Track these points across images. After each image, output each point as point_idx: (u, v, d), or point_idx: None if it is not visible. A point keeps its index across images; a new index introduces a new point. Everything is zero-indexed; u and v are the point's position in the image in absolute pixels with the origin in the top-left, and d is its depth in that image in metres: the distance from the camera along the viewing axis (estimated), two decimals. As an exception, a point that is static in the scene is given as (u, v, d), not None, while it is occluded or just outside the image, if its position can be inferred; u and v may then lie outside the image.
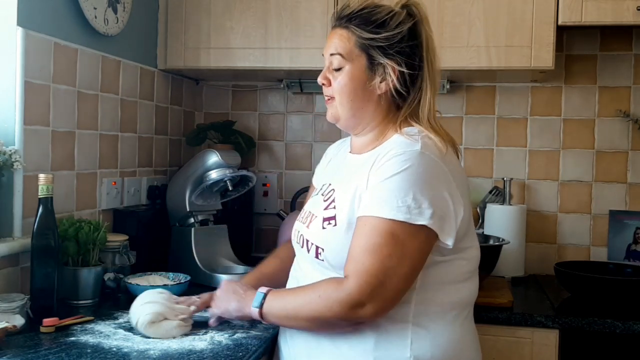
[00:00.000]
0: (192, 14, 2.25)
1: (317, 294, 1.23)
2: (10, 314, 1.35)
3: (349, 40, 1.32)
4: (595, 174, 2.36)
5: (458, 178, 1.27)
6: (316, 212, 1.36)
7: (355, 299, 1.18)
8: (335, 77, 1.35)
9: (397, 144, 1.26)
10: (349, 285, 1.19)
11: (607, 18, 1.98)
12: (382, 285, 1.18)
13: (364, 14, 1.32)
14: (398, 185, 1.19)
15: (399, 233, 1.18)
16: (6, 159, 1.50)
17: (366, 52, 1.31)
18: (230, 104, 2.63)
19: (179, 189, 2.08)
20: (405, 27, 1.30)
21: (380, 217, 1.19)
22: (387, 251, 1.18)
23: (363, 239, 1.21)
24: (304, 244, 1.36)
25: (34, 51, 1.61)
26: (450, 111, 2.46)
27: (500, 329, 1.79)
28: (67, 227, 1.61)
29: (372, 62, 1.31)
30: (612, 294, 1.88)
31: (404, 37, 1.30)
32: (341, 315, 1.20)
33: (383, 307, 1.19)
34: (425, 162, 1.22)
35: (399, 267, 1.18)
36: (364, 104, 1.34)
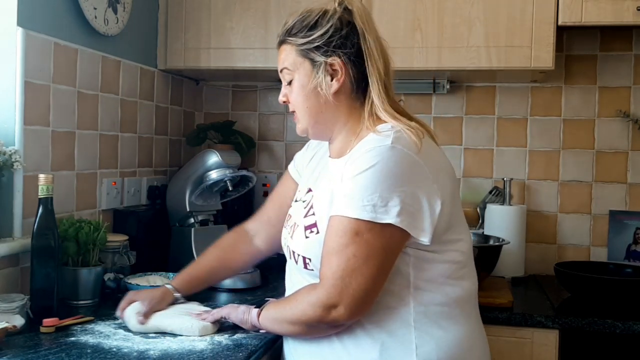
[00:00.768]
0: (192, 14, 2.25)
1: (296, 299, 1.26)
2: (10, 314, 1.35)
3: (291, 52, 1.33)
4: (595, 174, 2.36)
5: (436, 169, 1.24)
6: (298, 221, 1.35)
7: (325, 301, 1.19)
8: (290, 90, 1.36)
9: (369, 141, 1.24)
10: (319, 289, 1.21)
11: (607, 18, 1.98)
12: (348, 286, 1.18)
13: (298, 23, 1.32)
14: (365, 183, 1.18)
15: (363, 232, 1.17)
16: (6, 159, 1.50)
17: (306, 56, 1.31)
18: (230, 104, 2.64)
19: (179, 189, 2.08)
20: (335, 19, 1.29)
21: (346, 217, 1.19)
22: (351, 251, 1.18)
23: (331, 239, 1.21)
24: (291, 255, 1.36)
25: (34, 51, 1.61)
26: (450, 111, 2.46)
27: (500, 329, 1.79)
28: (67, 227, 1.61)
29: (314, 64, 1.30)
30: (612, 294, 1.88)
31: (337, 29, 1.29)
32: (315, 317, 1.21)
33: (354, 308, 1.19)
34: (395, 156, 1.20)
35: (365, 266, 1.17)
36: (321, 107, 1.32)
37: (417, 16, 2.10)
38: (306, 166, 1.52)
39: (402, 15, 2.11)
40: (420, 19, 2.10)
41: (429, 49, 2.10)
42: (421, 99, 2.46)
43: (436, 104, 2.46)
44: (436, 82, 2.38)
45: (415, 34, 2.09)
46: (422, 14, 2.10)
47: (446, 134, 2.43)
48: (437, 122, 2.45)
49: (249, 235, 1.63)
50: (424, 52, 2.09)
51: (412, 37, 2.10)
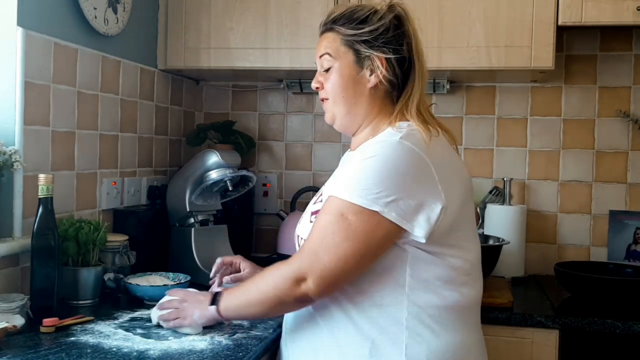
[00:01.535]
0: (192, 14, 2.25)
1: (266, 274, 1.28)
2: (10, 314, 1.35)
3: (335, 40, 1.36)
4: (595, 174, 2.36)
5: (445, 172, 1.24)
6: (308, 209, 1.40)
7: (296, 271, 1.21)
8: (327, 78, 1.38)
9: (383, 134, 1.28)
10: (292, 261, 1.23)
11: (607, 18, 1.98)
12: (319, 261, 1.19)
13: (347, 14, 1.35)
14: (364, 169, 1.21)
15: (347, 213, 1.19)
16: (6, 159, 1.50)
17: (352, 47, 1.34)
18: (230, 104, 2.63)
19: (179, 189, 2.08)
20: (387, 19, 1.33)
21: (337, 197, 1.21)
22: (331, 229, 1.20)
23: (319, 217, 1.24)
24: (298, 242, 1.38)
25: (34, 51, 1.61)
26: (450, 111, 2.46)
27: (500, 329, 1.79)
28: (67, 227, 1.61)
29: (358, 56, 1.34)
30: (612, 294, 1.88)
31: (387, 28, 1.33)
32: (285, 289, 1.22)
33: (321, 285, 1.20)
34: (400, 150, 1.21)
35: (340, 246, 1.19)
36: (357, 98, 1.35)
37: (417, 16, 2.05)
38: None
39: None
40: (420, 19, 2.05)
41: (429, 49, 2.07)
42: (421, 99, 2.45)
43: (436, 104, 2.46)
44: (436, 82, 2.38)
45: (415, 34, 2.09)
46: (422, 14, 2.09)
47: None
48: (437, 122, 2.45)
49: None
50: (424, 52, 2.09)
51: (412, 37, 2.10)
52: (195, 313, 1.38)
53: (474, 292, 1.32)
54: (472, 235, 1.34)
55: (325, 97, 1.40)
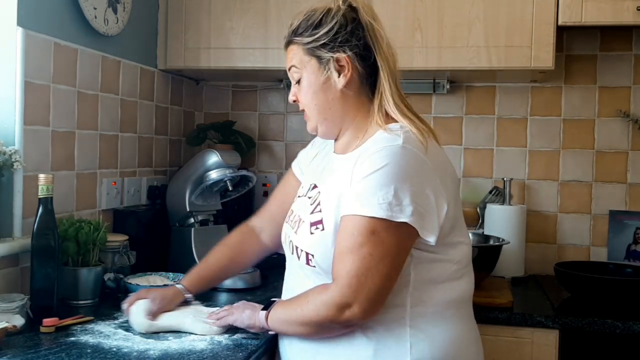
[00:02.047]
0: (192, 14, 2.25)
1: (308, 299, 1.25)
2: (10, 314, 1.35)
3: (297, 51, 1.34)
4: (595, 174, 2.36)
5: (441, 171, 1.26)
6: (303, 217, 1.35)
7: (338, 301, 1.18)
8: (299, 89, 1.37)
9: (379, 139, 1.25)
10: (333, 288, 1.20)
11: (607, 18, 1.98)
12: (363, 285, 1.17)
13: (303, 21, 1.34)
14: (379, 182, 1.18)
15: (379, 231, 1.17)
16: (6, 159, 1.50)
17: (313, 54, 1.33)
18: (230, 104, 2.64)
19: (179, 189, 2.08)
20: (339, 16, 1.31)
21: (362, 215, 1.18)
22: (367, 250, 1.17)
23: (345, 238, 1.20)
24: (293, 250, 1.35)
25: (34, 51, 1.61)
26: (450, 111, 2.46)
27: (500, 329, 1.79)
28: (67, 227, 1.61)
29: (321, 62, 1.32)
30: (612, 294, 1.88)
31: (342, 25, 1.30)
32: (329, 317, 1.20)
33: (369, 307, 1.19)
34: (406, 156, 1.21)
35: (381, 265, 1.17)
36: (329, 104, 1.34)
37: (417, 16, 2.10)
38: (309, 163, 1.53)
39: (402, 15, 2.11)
40: (420, 19, 2.10)
41: (429, 49, 2.10)
42: (421, 99, 2.45)
43: (436, 104, 2.46)
44: (436, 82, 2.38)
45: (415, 34, 2.09)
46: (422, 14, 2.10)
47: (446, 134, 2.43)
48: (437, 122, 2.45)
49: (255, 232, 1.63)
50: (424, 52, 2.09)
51: (412, 37, 2.10)
52: (246, 312, 1.38)
53: (469, 285, 1.35)
54: (465, 230, 1.35)
55: (303, 108, 1.39)
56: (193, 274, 1.57)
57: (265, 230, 1.62)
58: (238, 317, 1.39)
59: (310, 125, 1.40)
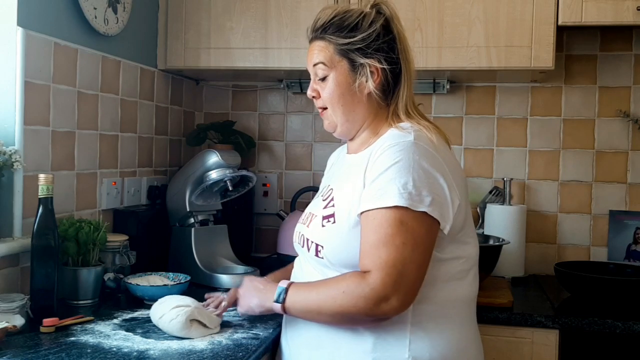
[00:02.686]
0: (192, 14, 2.25)
1: (341, 289, 1.21)
2: (10, 314, 1.35)
3: (327, 49, 1.36)
4: (595, 174, 2.36)
5: (452, 169, 1.28)
6: (316, 212, 1.38)
7: (380, 293, 1.16)
8: (323, 87, 1.38)
9: (391, 136, 1.29)
10: (373, 280, 1.17)
11: (607, 18, 1.98)
12: (402, 275, 1.16)
13: (336, 21, 1.35)
14: (396, 174, 1.20)
15: (406, 220, 1.18)
16: (6, 159, 1.50)
17: (346, 56, 1.34)
18: (230, 104, 2.63)
19: (179, 189, 2.08)
20: (377, 24, 1.34)
21: (385, 207, 1.19)
22: (399, 240, 1.18)
23: (373, 232, 1.20)
24: (304, 243, 1.37)
25: (34, 51, 1.61)
26: (450, 111, 2.46)
27: (500, 329, 1.79)
28: (67, 227, 1.61)
29: (353, 65, 1.34)
30: (612, 294, 1.88)
31: (378, 34, 1.34)
32: (366, 311, 1.18)
33: (406, 299, 1.18)
34: (419, 151, 1.23)
35: (415, 254, 1.18)
36: (355, 106, 1.36)
37: (417, 16, 2.10)
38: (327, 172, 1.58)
39: (402, 15, 2.06)
40: (420, 19, 2.10)
41: (429, 49, 2.10)
42: (421, 99, 2.45)
43: (436, 104, 2.46)
44: (436, 82, 2.38)
45: (415, 34, 2.09)
46: (422, 14, 2.10)
47: (446, 134, 2.42)
48: (437, 122, 2.38)
49: None
50: (424, 52, 2.09)
51: (412, 37, 2.09)
52: (253, 301, 1.38)
53: (474, 286, 1.35)
54: (473, 233, 1.37)
55: (323, 107, 1.40)
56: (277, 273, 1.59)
57: None
58: (248, 308, 1.40)
59: (328, 123, 1.41)
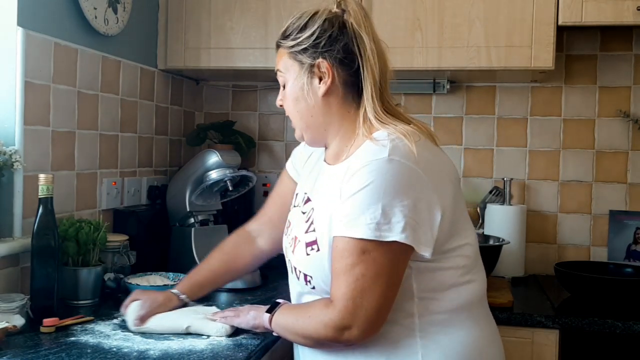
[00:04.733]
0: (192, 14, 2.25)
1: (309, 314, 1.23)
2: (10, 314, 1.35)
3: (283, 55, 1.31)
4: (595, 174, 2.36)
5: (435, 176, 1.20)
6: (299, 235, 1.31)
7: (337, 323, 1.16)
8: (284, 94, 1.33)
9: (365, 153, 1.19)
10: (331, 310, 1.18)
11: (607, 18, 1.98)
12: (359, 307, 1.15)
13: (290, 27, 1.30)
14: (365, 201, 1.14)
15: (369, 250, 1.14)
16: (6, 159, 1.50)
17: (295, 59, 1.28)
18: (230, 104, 2.64)
19: (179, 189, 2.08)
20: (322, 19, 1.26)
21: (350, 237, 1.15)
22: (359, 271, 1.14)
23: (337, 260, 1.18)
24: (292, 270, 1.33)
25: (34, 51, 1.61)
26: (450, 111, 2.46)
27: (500, 329, 1.75)
28: (67, 227, 1.61)
29: (302, 66, 1.28)
30: (612, 294, 1.88)
31: (324, 30, 1.25)
32: (328, 337, 1.19)
33: (367, 327, 1.17)
34: (393, 169, 1.15)
35: (375, 285, 1.15)
36: (311, 111, 1.29)
37: (417, 16, 2.10)
38: (304, 164, 1.48)
39: (402, 15, 2.11)
40: (420, 19, 2.10)
41: (429, 49, 2.10)
42: (421, 99, 2.46)
43: (436, 104, 2.46)
44: (436, 82, 2.38)
45: (415, 34, 2.09)
46: (422, 14, 2.10)
47: (446, 134, 2.43)
48: (437, 122, 2.45)
49: (252, 237, 1.61)
50: (424, 52, 2.09)
51: (412, 37, 2.10)
52: (251, 313, 1.38)
53: (479, 285, 1.30)
54: (468, 228, 1.30)
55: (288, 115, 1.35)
56: (187, 280, 1.56)
57: (263, 234, 1.60)
58: (243, 320, 1.39)
59: (296, 132, 1.36)
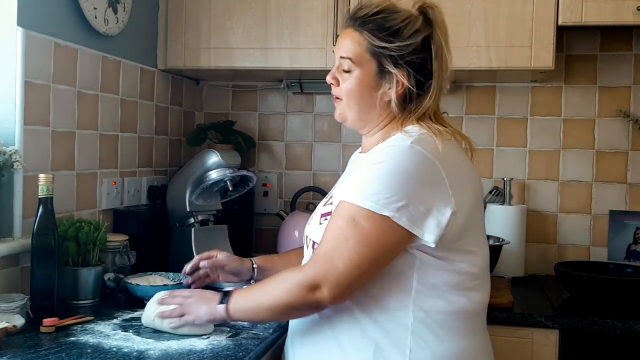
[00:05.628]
0: (192, 14, 2.25)
1: (278, 280, 1.25)
2: (10, 314, 1.35)
3: (360, 45, 1.29)
4: (595, 174, 2.36)
5: (456, 177, 1.22)
6: (318, 209, 1.38)
7: (309, 279, 1.18)
8: (344, 79, 1.33)
9: (393, 139, 1.25)
10: (306, 267, 1.21)
11: (607, 18, 1.98)
12: (334, 268, 1.17)
13: (379, 19, 1.28)
14: (374, 174, 1.19)
15: (360, 219, 1.17)
16: (6, 159, 1.50)
17: (377, 59, 1.29)
18: (230, 104, 2.63)
19: (179, 189, 2.08)
20: (418, 38, 1.27)
21: (347, 202, 1.20)
22: (344, 235, 1.18)
23: (330, 222, 1.23)
24: (307, 242, 1.36)
25: (34, 51, 1.61)
26: (451, 111, 2.46)
27: (500, 329, 1.79)
28: (67, 227, 1.61)
29: (382, 70, 1.29)
30: (612, 294, 1.88)
31: (416, 48, 1.27)
32: (299, 296, 1.20)
33: (336, 292, 1.18)
34: (411, 155, 1.20)
35: (353, 252, 1.17)
36: (371, 108, 1.33)
37: (417, 16, 2.10)
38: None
39: None
40: (420, 19, 2.10)
41: (429, 49, 2.09)
42: (421, 99, 2.45)
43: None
44: (436, 82, 2.38)
45: (415, 34, 2.09)
46: (422, 14, 2.10)
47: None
48: (437, 122, 2.45)
49: None
50: (424, 52, 2.09)
51: (412, 37, 2.10)
52: (202, 309, 1.34)
53: (482, 297, 1.30)
54: (482, 240, 1.32)
55: (339, 97, 1.36)
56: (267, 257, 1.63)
57: None
58: (197, 316, 1.34)
59: (339, 114, 1.37)
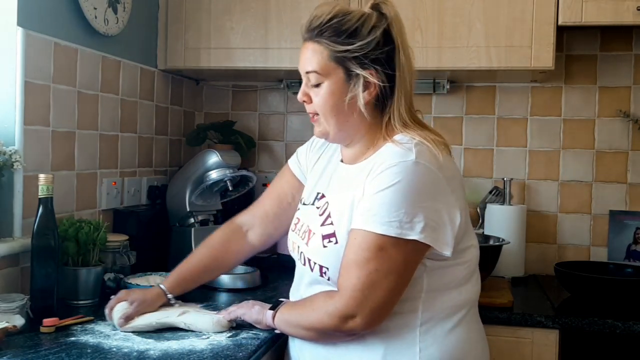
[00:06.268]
0: (192, 14, 2.25)
1: (312, 306, 1.26)
2: (10, 314, 1.35)
3: (322, 54, 1.26)
4: (595, 174, 2.36)
5: (454, 182, 1.25)
6: (313, 228, 1.33)
7: (342, 312, 1.20)
8: (316, 93, 1.30)
9: (392, 154, 1.22)
10: (337, 299, 1.21)
11: (607, 18, 1.98)
12: (367, 299, 1.18)
13: (335, 25, 1.26)
14: (390, 199, 1.18)
15: (387, 247, 1.17)
16: (6, 159, 1.50)
17: (342, 64, 1.26)
18: (230, 104, 2.63)
19: (179, 189, 2.08)
20: (378, 32, 1.25)
21: (371, 232, 1.18)
22: (373, 265, 1.18)
23: (353, 252, 1.20)
24: (306, 262, 1.34)
25: (34, 51, 1.61)
26: (450, 111, 2.46)
27: (500, 329, 1.79)
28: (67, 227, 1.61)
29: (349, 75, 1.26)
30: (612, 294, 1.88)
31: (378, 42, 1.25)
32: (331, 327, 1.22)
33: (371, 319, 1.20)
34: (419, 172, 1.19)
35: (385, 280, 1.18)
36: (349, 117, 1.29)
37: (417, 16, 2.10)
38: (312, 168, 1.48)
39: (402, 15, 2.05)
40: (420, 19, 2.10)
41: (429, 49, 2.09)
42: (421, 99, 2.45)
43: (436, 104, 2.46)
44: (436, 82, 2.38)
45: (415, 34, 2.09)
46: (422, 14, 2.10)
47: (446, 134, 2.37)
48: (437, 122, 2.45)
49: (242, 230, 1.60)
50: (424, 52, 2.09)
51: (412, 37, 2.08)
52: (255, 307, 1.40)
53: (477, 286, 1.35)
54: (473, 232, 1.37)
55: (315, 112, 1.33)
56: (175, 274, 1.54)
57: (255, 228, 1.60)
58: (247, 311, 1.41)
59: (320, 130, 1.34)
